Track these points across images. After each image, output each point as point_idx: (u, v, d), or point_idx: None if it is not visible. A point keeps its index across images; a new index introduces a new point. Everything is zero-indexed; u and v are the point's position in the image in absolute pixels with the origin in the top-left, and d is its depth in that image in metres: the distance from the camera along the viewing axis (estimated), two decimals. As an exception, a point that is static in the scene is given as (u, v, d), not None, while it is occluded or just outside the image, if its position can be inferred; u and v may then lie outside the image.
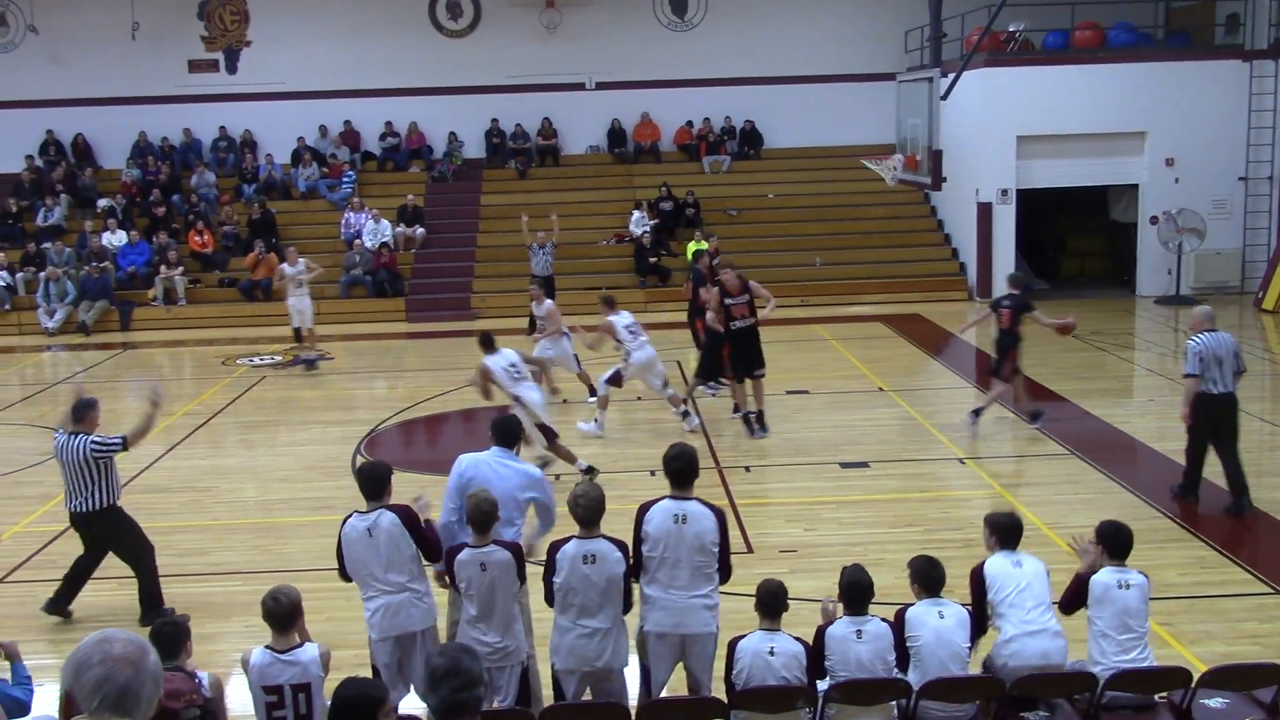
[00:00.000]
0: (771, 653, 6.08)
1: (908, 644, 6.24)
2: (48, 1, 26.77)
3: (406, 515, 6.73)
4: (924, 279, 24.74)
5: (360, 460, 13.11)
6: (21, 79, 27.06)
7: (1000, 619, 6.44)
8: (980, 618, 6.49)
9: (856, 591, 6.31)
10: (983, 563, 6.64)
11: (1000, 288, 23.71)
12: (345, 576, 6.86)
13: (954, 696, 6.17)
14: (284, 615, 5.92)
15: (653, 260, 24.54)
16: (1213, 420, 10.73)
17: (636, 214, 25.68)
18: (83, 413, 8.94)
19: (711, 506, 6.54)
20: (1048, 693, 6.30)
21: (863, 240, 25.70)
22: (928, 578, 6.42)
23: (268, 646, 5.89)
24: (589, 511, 6.40)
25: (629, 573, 6.41)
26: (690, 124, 28.13)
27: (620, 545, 6.40)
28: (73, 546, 9.48)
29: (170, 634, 5.81)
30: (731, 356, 14.17)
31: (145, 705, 3.01)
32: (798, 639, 6.21)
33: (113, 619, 8.77)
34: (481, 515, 6.48)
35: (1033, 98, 23.05)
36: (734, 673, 6.15)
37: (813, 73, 27.55)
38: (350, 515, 6.77)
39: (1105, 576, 6.49)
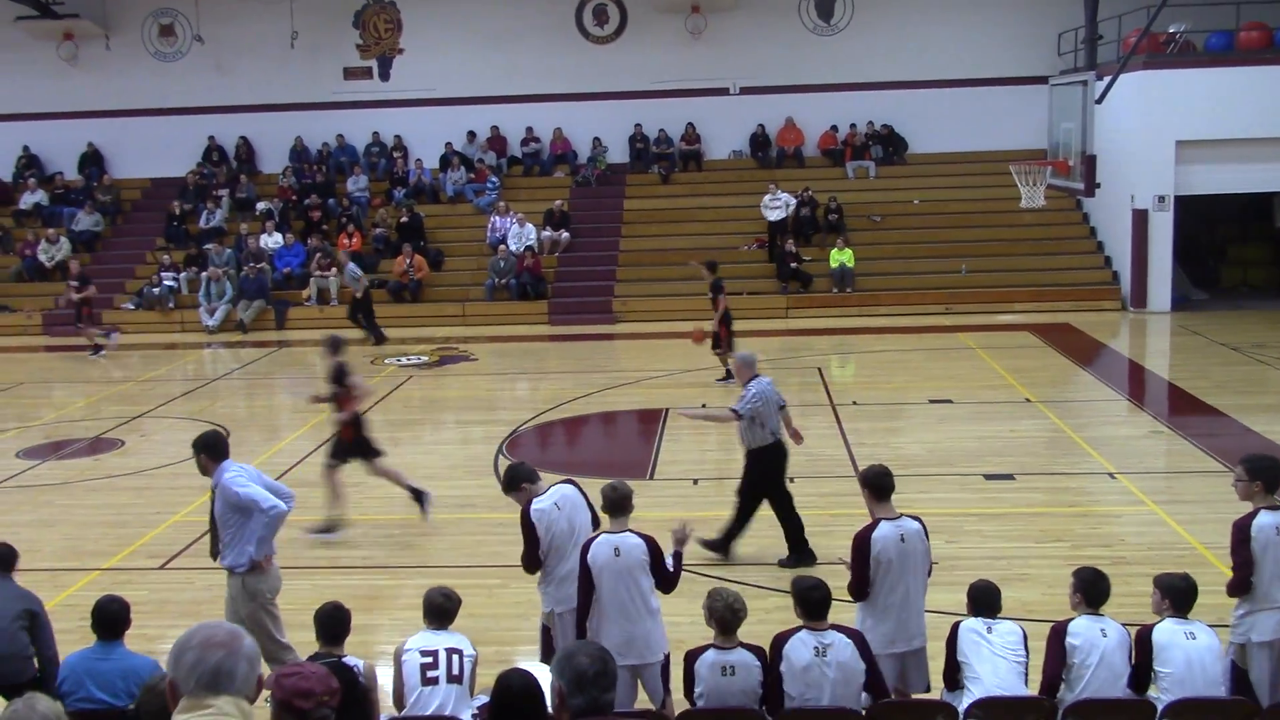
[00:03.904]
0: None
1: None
2: (213, 12, 27.90)
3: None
4: (1075, 288, 24.05)
5: (505, 460, 13.31)
6: (188, 87, 28.22)
7: (1164, 693, 6.06)
8: (1143, 681, 6.18)
9: (988, 597, 6.32)
10: (1152, 627, 6.25)
11: (1158, 297, 23.07)
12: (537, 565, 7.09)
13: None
14: (451, 611, 6.33)
15: (794, 266, 24.38)
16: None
17: (768, 198, 25.45)
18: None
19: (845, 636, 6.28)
20: None
21: (1011, 248, 25.10)
22: (1094, 590, 6.20)
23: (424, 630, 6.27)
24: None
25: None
26: (835, 129, 27.87)
27: (759, 653, 6.16)
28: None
29: (331, 619, 6.09)
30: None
31: (241, 683, 3.17)
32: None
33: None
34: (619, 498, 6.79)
35: (1194, 101, 22.22)
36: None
37: (961, 76, 27.04)
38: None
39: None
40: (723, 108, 27.87)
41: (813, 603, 6.13)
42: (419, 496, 11.27)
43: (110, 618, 6.34)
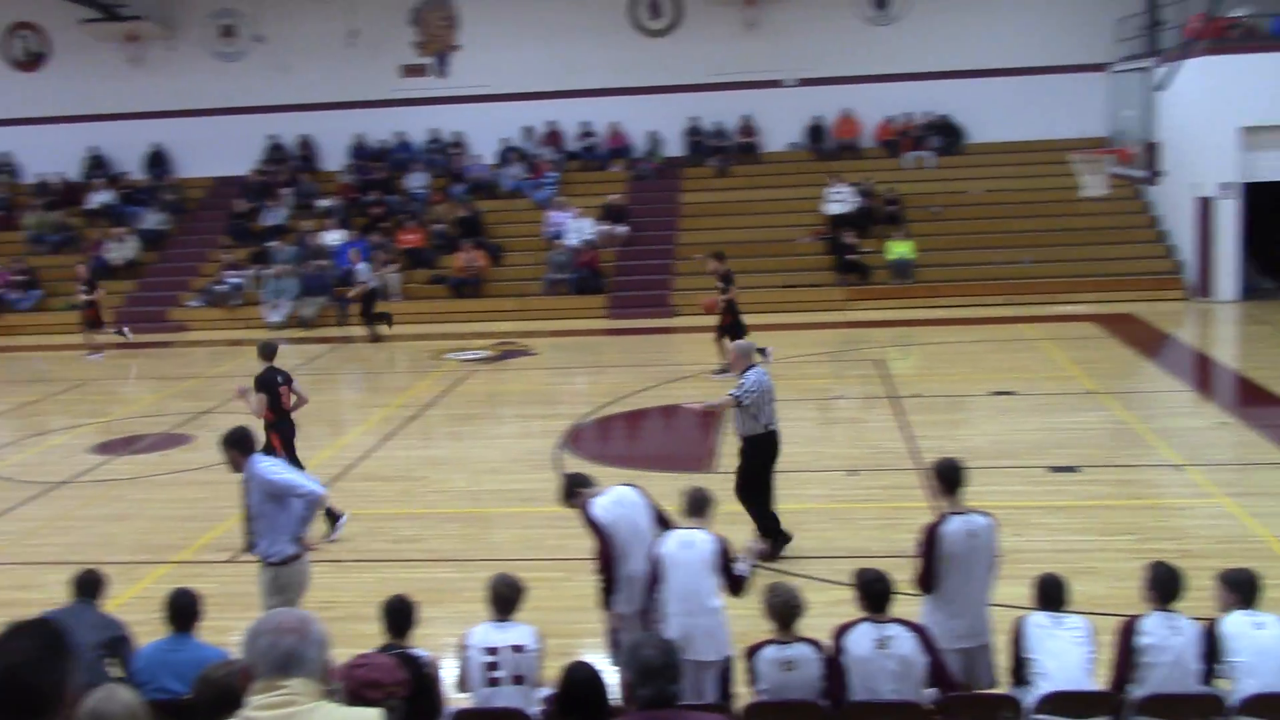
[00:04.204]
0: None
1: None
2: (272, 12, 28.27)
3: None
4: (1138, 277, 23.70)
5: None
6: (249, 86, 28.61)
7: (1234, 685, 5.96)
8: (1214, 675, 6.08)
9: (1055, 590, 6.28)
10: (1220, 620, 6.15)
11: (1223, 286, 22.69)
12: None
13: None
14: (514, 600, 6.39)
15: (851, 258, 24.26)
16: None
17: (830, 191, 25.34)
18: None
19: (912, 626, 6.24)
20: None
21: (1073, 237, 24.77)
22: (1168, 587, 6.11)
23: (488, 621, 6.33)
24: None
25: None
26: (891, 119, 27.69)
27: (820, 646, 6.15)
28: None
29: (398, 610, 6.18)
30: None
31: (311, 667, 3.28)
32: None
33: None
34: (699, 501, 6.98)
35: (1259, 86, 21.80)
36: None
37: (1018, 65, 26.73)
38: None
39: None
40: (779, 100, 27.78)
41: (875, 595, 6.14)
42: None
43: (182, 610, 6.47)
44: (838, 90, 27.45)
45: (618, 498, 7.33)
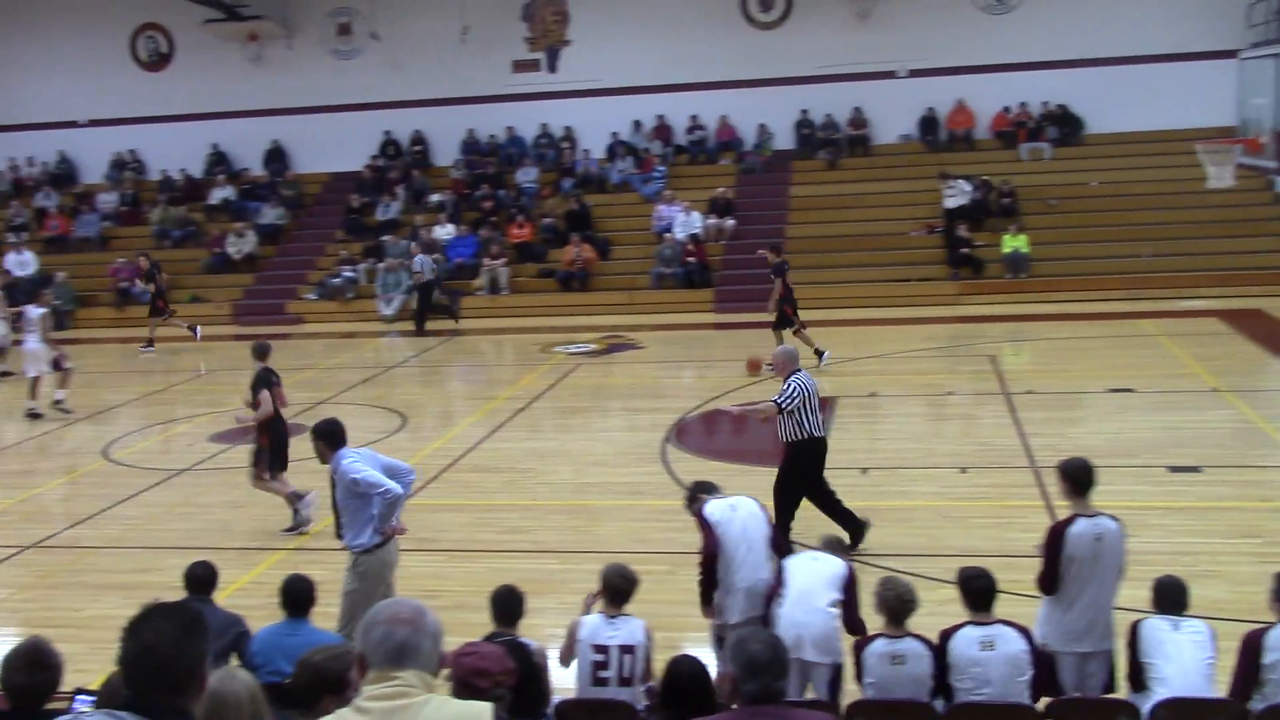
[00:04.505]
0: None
1: None
2: (387, 10, 28.74)
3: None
4: (1266, 271, 22.82)
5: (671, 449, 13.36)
6: (364, 84, 29.14)
7: None
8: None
9: (1174, 594, 6.10)
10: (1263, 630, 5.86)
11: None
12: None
13: None
14: (628, 592, 6.36)
15: (964, 251, 23.84)
16: None
17: (946, 189, 24.94)
18: None
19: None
20: None
21: (1197, 230, 23.99)
22: None
23: (600, 611, 6.29)
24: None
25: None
26: (1007, 110, 27.12)
27: (930, 643, 6.10)
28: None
29: (506, 599, 6.23)
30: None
31: (424, 659, 3.28)
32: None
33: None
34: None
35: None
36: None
37: (1141, 52, 25.97)
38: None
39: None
40: (891, 91, 27.39)
41: (974, 591, 6.04)
42: (296, 504, 11.25)
43: (297, 595, 6.61)
44: (952, 80, 26.98)
45: (734, 503, 7.28)
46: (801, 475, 9.79)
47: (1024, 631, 6.03)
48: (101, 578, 10.19)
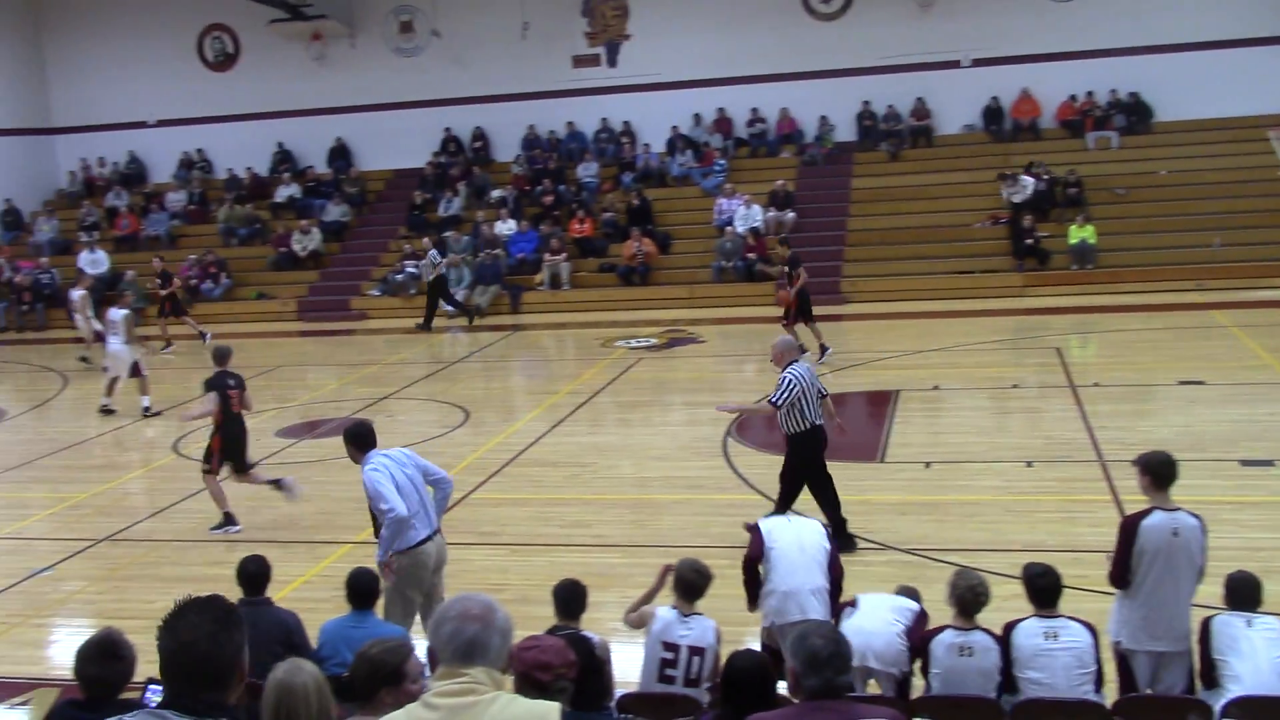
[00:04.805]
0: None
1: None
2: (448, 7, 28.91)
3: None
4: (1342, 260, 22.35)
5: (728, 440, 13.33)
6: (426, 81, 29.34)
7: None
8: None
9: (1247, 590, 5.98)
10: None
11: None
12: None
13: None
14: (701, 587, 6.33)
15: (1030, 242, 23.53)
16: None
17: (1005, 189, 24.64)
18: None
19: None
20: None
21: (1269, 219, 23.46)
22: None
23: (673, 606, 6.27)
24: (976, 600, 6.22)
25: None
26: (1074, 98, 26.70)
27: (997, 637, 6.06)
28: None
29: (570, 593, 6.26)
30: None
31: (494, 655, 3.30)
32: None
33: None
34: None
35: None
36: None
37: (1211, 38, 25.44)
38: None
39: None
40: (954, 81, 27.09)
41: (1040, 589, 5.98)
42: (278, 484, 11.64)
43: (363, 588, 6.69)
44: (1016, 69, 26.60)
45: (792, 519, 7.26)
46: (805, 465, 9.86)
47: (1089, 627, 5.95)
48: (172, 570, 10.38)
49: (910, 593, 6.84)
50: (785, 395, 9.54)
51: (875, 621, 6.40)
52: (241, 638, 3.03)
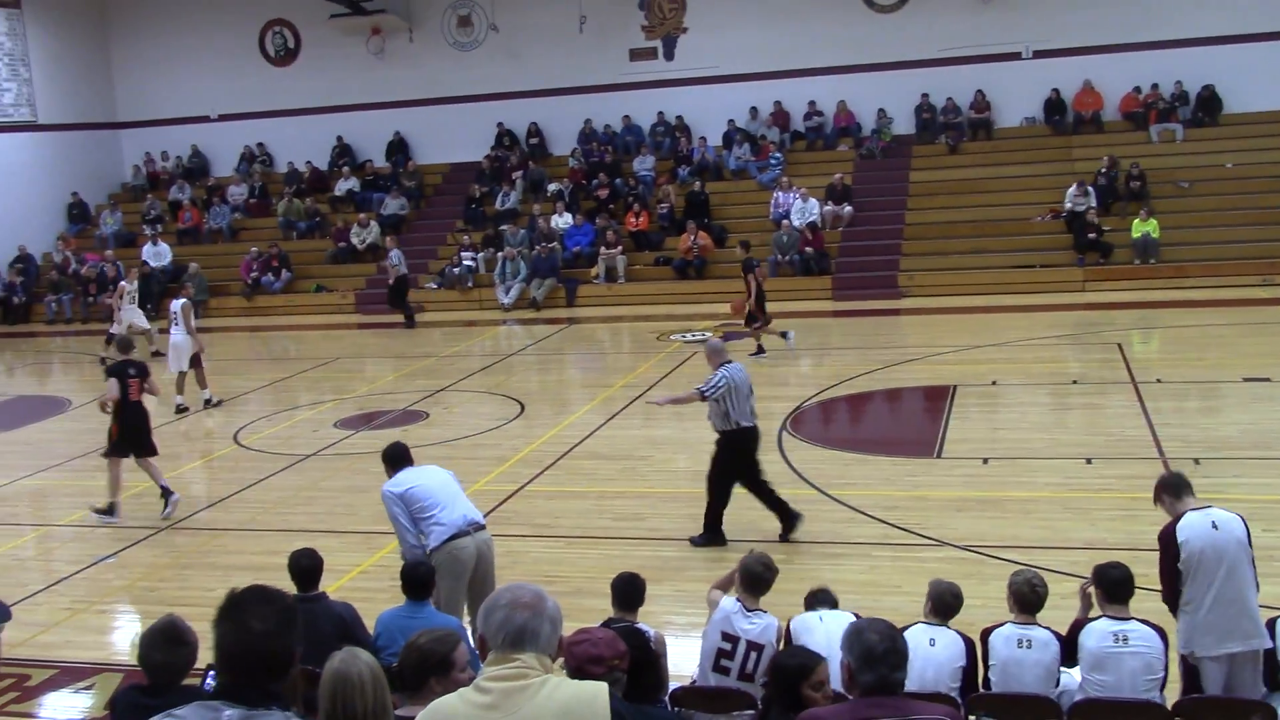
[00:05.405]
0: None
1: None
2: (506, 2, 29.01)
3: None
4: None
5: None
6: (483, 75, 29.47)
7: None
8: None
9: None
10: None
11: None
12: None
13: None
14: (768, 581, 6.33)
15: (1092, 236, 23.20)
16: None
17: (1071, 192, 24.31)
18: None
19: None
20: None
21: (1338, 212, 23.00)
22: None
23: (737, 599, 6.27)
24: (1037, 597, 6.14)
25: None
26: (1138, 90, 26.27)
27: (1058, 635, 6.01)
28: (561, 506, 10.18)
29: (628, 586, 6.27)
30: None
31: (544, 643, 3.36)
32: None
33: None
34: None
35: None
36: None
37: (1276, 28, 24.90)
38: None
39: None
40: (1014, 73, 26.73)
41: (1110, 580, 5.91)
42: (165, 494, 11.83)
43: (419, 580, 6.75)
44: (1078, 61, 26.19)
45: (824, 616, 7.16)
46: (732, 464, 10.02)
47: (1159, 631, 5.86)
48: (232, 559, 10.53)
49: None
50: (712, 390, 9.86)
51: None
52: (297, 629, 3.09)
